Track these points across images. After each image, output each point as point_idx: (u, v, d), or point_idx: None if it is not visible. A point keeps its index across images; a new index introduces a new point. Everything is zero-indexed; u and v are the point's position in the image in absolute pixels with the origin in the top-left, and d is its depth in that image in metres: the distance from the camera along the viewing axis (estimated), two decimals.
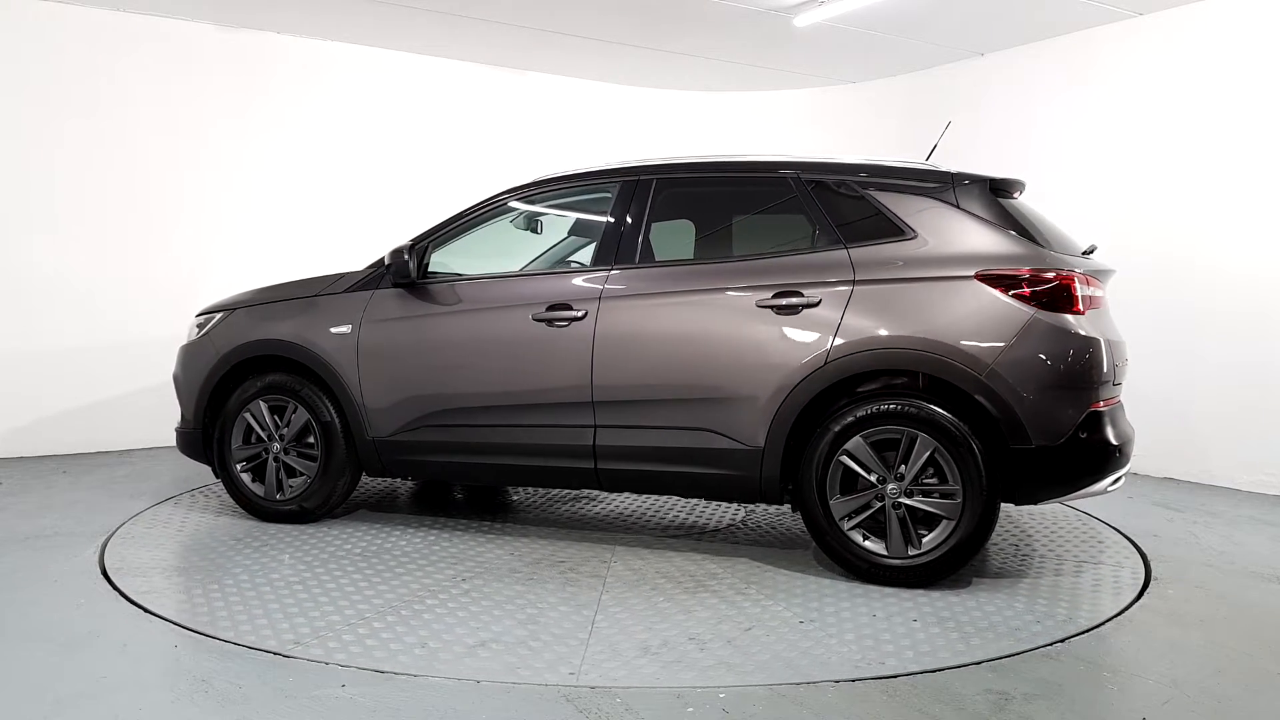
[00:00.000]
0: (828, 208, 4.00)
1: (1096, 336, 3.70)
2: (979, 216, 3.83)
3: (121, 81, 6.57)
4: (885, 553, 3.75)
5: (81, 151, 6.47)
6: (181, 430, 4.85)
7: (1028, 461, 3.61)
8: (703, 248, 4.46)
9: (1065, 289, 3.67)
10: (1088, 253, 4.09)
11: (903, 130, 7.69)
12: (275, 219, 7.15)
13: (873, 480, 3.76)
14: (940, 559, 3.69)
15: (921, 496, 3.71)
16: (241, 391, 4.63)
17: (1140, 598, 3.74)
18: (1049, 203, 5.20)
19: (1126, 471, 3.83)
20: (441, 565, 4.05)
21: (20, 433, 6.38)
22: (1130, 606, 3.63)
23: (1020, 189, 4.16)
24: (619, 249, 4.20)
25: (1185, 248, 6.02)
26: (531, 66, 8.00)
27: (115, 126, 6.57)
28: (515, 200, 4.56)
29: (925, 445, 3.68)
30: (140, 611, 3.46)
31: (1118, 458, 3.70)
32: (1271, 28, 5.61)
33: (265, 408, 4.60)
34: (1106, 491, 3.77)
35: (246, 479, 4.67)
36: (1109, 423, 3.72)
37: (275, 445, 4.60)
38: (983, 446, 3.64)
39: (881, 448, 3.76)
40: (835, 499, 3.80)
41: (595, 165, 4.60)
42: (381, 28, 6.90)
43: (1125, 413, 3.99)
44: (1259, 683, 2.97)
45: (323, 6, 6.46)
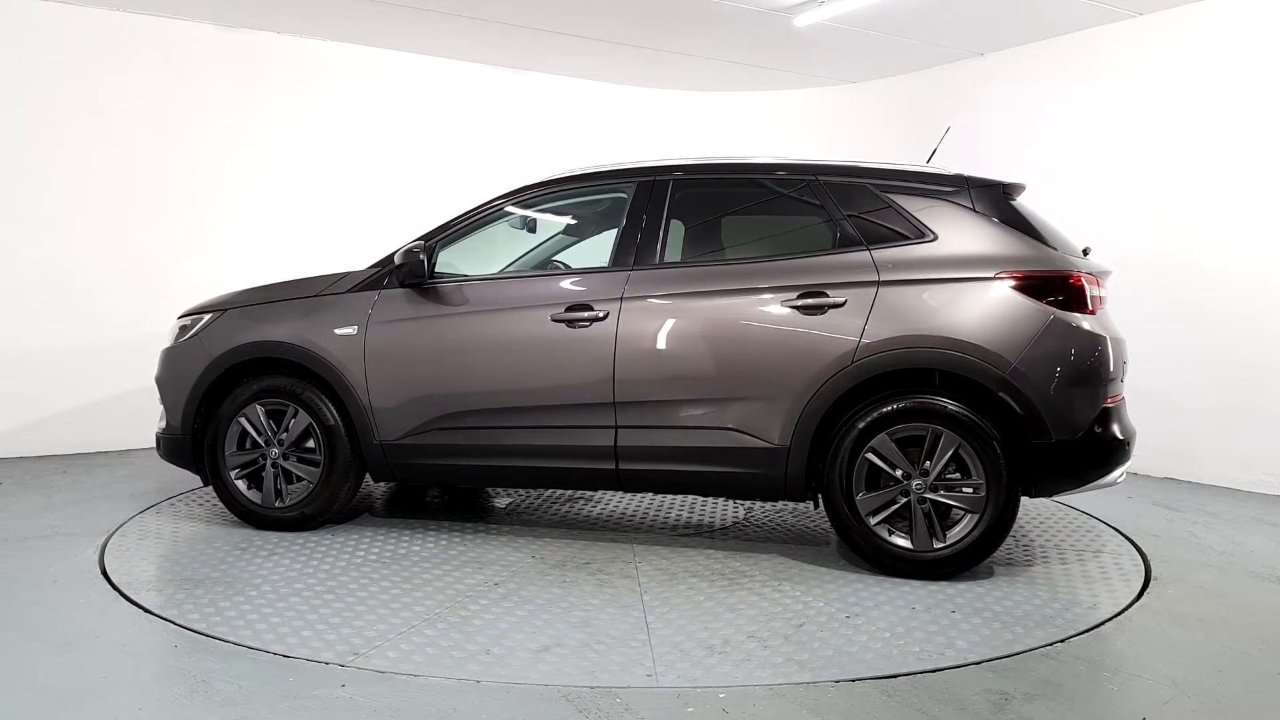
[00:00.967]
0: (848, 210, 4.08)
1: (1107, 335, 3.87)
2: (993, 219, 3.97)
3: (121, 81, 6.57)
4: (911, 546, 3.85)
5: (81, 151, 6.47)
6: (166, 436, 4.65)
7: (1047, 456, 3.77)
8: (723, 249, 4.46)
9: (1080, 290, 3.83)
10: (1084, 254, 4.17)
11: (903, 130, 7.69)
12: (275, 219, 7.15)
13: (898, 476, 3.84)
14: (963, 551, 3.82)
15: (945, 491, 3.82)
16: (235, 395, 4.47)
17: (1140, 598, 3.75)
18: (1049, 202, 5.21)
19: (1129, 465, 3.97)
20: (466, 569, 3.98)
21: (20, 433, 6.38)
22: (1130, 606, 3.64)
23: (1021, 191, 4.23)
24: (638, 249, 4.19)
25: (1185, 247, 6.02)
26: (532, 66, 8.00)
27: (115, 126, 6.57)
28: (526, 199, 4.51)
29: (950, 441, 3.79)
30: (140, 611, 3.46)
31: (1125, 451, 3.89)
32: (1271, 28, 5.62)
33: (262, 412, 4.44)
34: (1115, 483, 3.92)
35: (241, 486, 4.51)
36: (1118, 418, 3.92)
37: (274, 451, 4.45)
38: (1004, 442, 3.76)
39: (904, 444, 3.86)
40: (861, 495, 3.88)
41: (610, 165, 4.56)
42: (381, 28, 6.90)
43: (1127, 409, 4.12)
44: (1259, 683, 2.97)
45: (323, 6, 6.46)
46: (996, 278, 3.82)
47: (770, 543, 4.47)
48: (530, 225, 4.80)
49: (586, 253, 4.72)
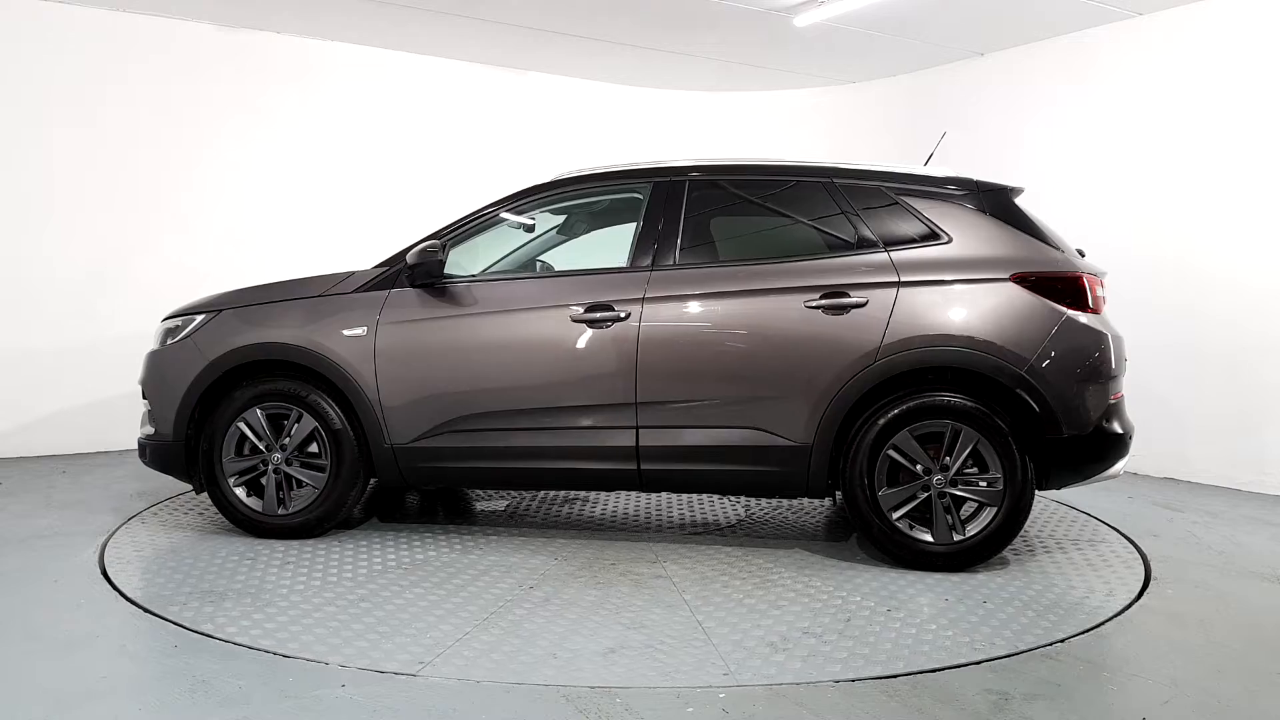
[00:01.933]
0: (865, 212, 4.15)
1: (1112, 334, 4.03)
2: (1003, 221, 4.10)
3: (121, 81, 6.57)
4: (932, 540, 3.96)
5: (81, 151, 6.48)
6: (154, 443, 4.45)
7: (1059, 450, 3.91)
8: (742, 250, 4.46)
9: (1087, 290, 4.00)
10: (1080, 255, 4.25)
11: (903, 130, 7.70)
12: (275, 219, 7.16)
13: (918, 472, 3.94)
14: (981, 544, 3.94)
15: (964, 486, 3.94)
16: (233, 399, 4.32)
17: (1140, 598, 3.75)
18: (1049, 202, 5.21)
19: (1129, 459, 4.12)
20: (493, 574, 3.92)
21: (20, 433, 6.38)
22: (1130, 606, 3.64)
23: (1020, 194, 4.32)
24: (657, 249, 4.20)
25: (1185, 246, 6.02)
26: (532, 66, 8.00)
27: (115, 126, 6.57)
28: (538, 199, 4.47)
29: (969, 438, 3.90)
30: (140, 611, 3.46)
31: (1127, 445, 4.05)
32: (1271, 28, 5.62)
33: (262, 416, 4.32)
34: (1116, 476, 4.07)
35: (241, 493, 4.37)
36: (1121, 413, 4.09)
37: (276, 456, 4.32)
38: (1020, 437, 3.89)
39: (924, 441, 3.96)
40: (883, 491, 3.97)
41: (623, 165, 4.54)
42: (381, 28, 6.91)
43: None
44: (1259, 683, 2.97)
45: (323, 6, 6.46)
46: (1010, 279, 3.94)
47: (782, 539, 4.51)
48: (552, 226, 4.76)
49: (600, 253, 4.66)
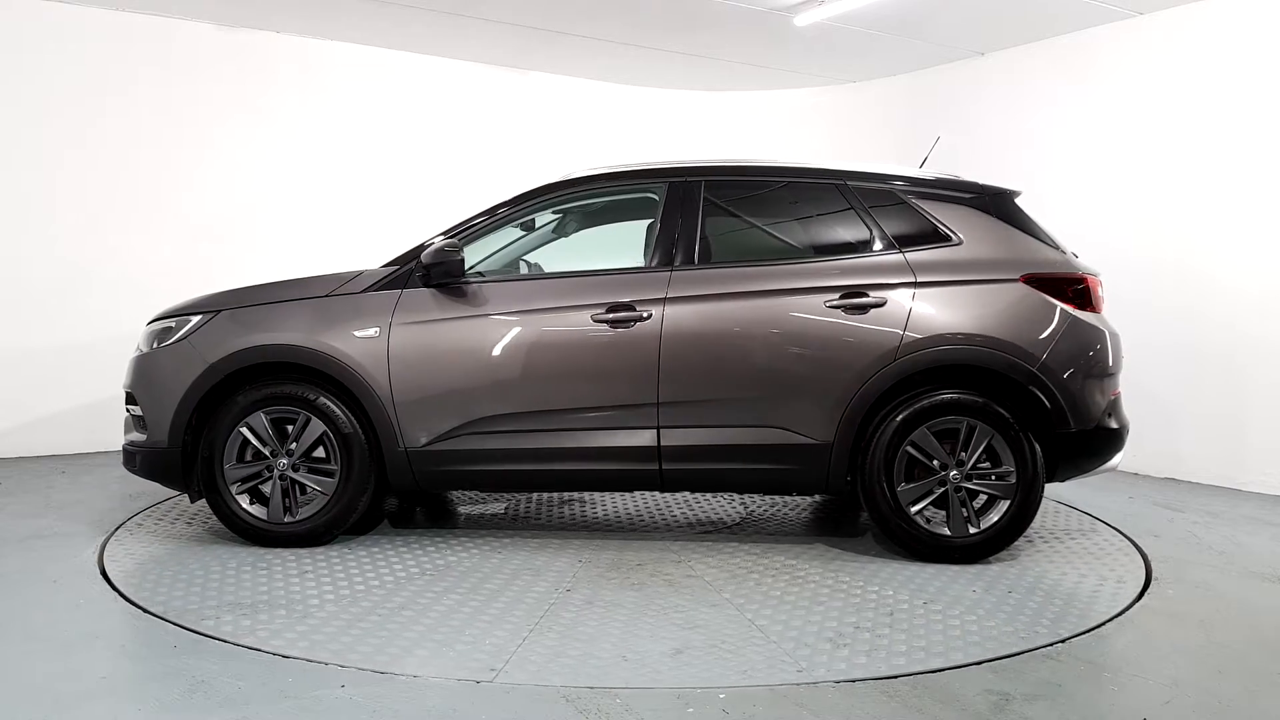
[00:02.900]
0: (879, 213, 4.26)
1: (1111, 332, 4.19)
2: (1010, 223, 4.26)
3: (121, 81, 6.57)
4: (949, 533, 4.08)
5: (81, 151, 6.47)
6: (146, 450, 4.25)
7: (1067, 444, 4.07)
8: (758, 250, 4.46)
9: (1091, 290, 4.18)
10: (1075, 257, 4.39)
11: (903, 130, 7.70)
12: (275, 219, 7.15)
13: (935, 467, 4.05)
14: (995, 535, 4.08)
15: (978, 480, 4.07)
16: (234, 404, 4.17)
17: (1140, 598, 3.75)
18: (1049, 202, 5.21)
19: (1125, 453, 4.30)
20: (524, 578, 3.87)
21: (20, 433, 6.38)
22: (1130, 606, 3.64)
23: (1019, 196, 4.44)
24: (676, 249, 4.21)
25: (1185, 247, 6.02)
26: (532, 66, 8.00)
27: (115, 126, 6.57)
28: (551, 198, 4.43)
29: (984, 433, 4.03)
30: (140, 612, 3.46)
31: (1125, 438, 4.24)
32: (1271, 28, 5.61)
33: (267, 420, 4.18)
34: (1114, 469, 4.26)
35: (243, 501, 4.22)
36: (1119, 409, 4.26)
37: (282, 461, 4.19)
38: (1031, 432, 4.03)
39: (938, 437, 4.07)
40: (901, 486, 4.06)
41: (637, 165, 4.53)
42: (383, 27, 6.91)
43: None
44: (1259, 683, 2.97)
45: (323, 6, 6.46)
46: (1021, 279, 4.08)
47: (794, 535, 4.57)
48: (555, 225, 4.74)
49: (611, 253, 4.61)
